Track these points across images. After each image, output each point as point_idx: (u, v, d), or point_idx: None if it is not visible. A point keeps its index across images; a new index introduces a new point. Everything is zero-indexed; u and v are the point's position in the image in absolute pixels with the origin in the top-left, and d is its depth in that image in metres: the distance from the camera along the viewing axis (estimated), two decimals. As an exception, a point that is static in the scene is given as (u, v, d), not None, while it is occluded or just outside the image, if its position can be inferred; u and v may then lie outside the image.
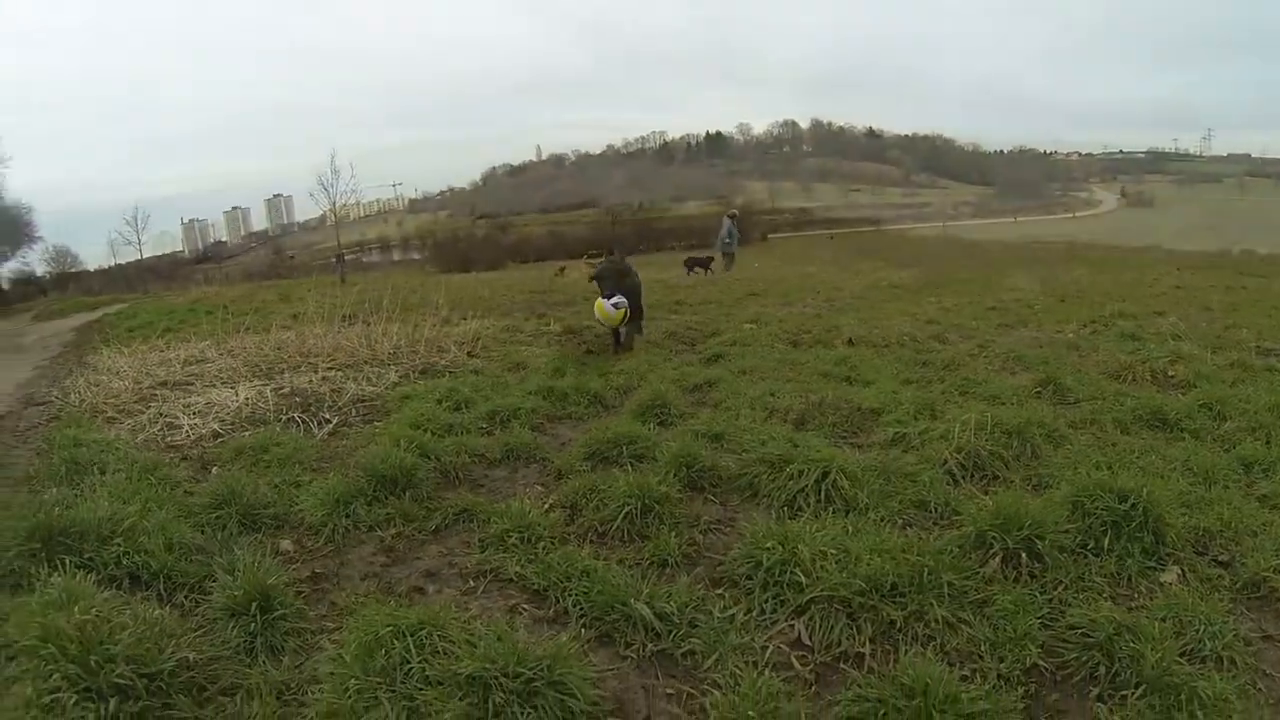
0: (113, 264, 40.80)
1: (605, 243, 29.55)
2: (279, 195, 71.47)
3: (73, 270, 40.49)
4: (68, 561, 2.03)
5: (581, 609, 1.93)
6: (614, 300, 4.94)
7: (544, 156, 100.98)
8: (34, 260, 36.78)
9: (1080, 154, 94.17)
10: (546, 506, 2.56)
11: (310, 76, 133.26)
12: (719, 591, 2.01)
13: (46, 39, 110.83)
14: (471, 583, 2.15)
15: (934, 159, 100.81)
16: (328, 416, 3.95)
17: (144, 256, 39.18)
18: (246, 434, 3.57)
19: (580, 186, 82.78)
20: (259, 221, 72.46)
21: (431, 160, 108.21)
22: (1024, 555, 2.01)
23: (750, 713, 1.55)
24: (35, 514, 2.23)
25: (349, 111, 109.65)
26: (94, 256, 43.32)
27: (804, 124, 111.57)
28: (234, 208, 70.64)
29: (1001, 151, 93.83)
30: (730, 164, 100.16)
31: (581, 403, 3.87)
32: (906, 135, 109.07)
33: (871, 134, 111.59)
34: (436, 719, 1.52)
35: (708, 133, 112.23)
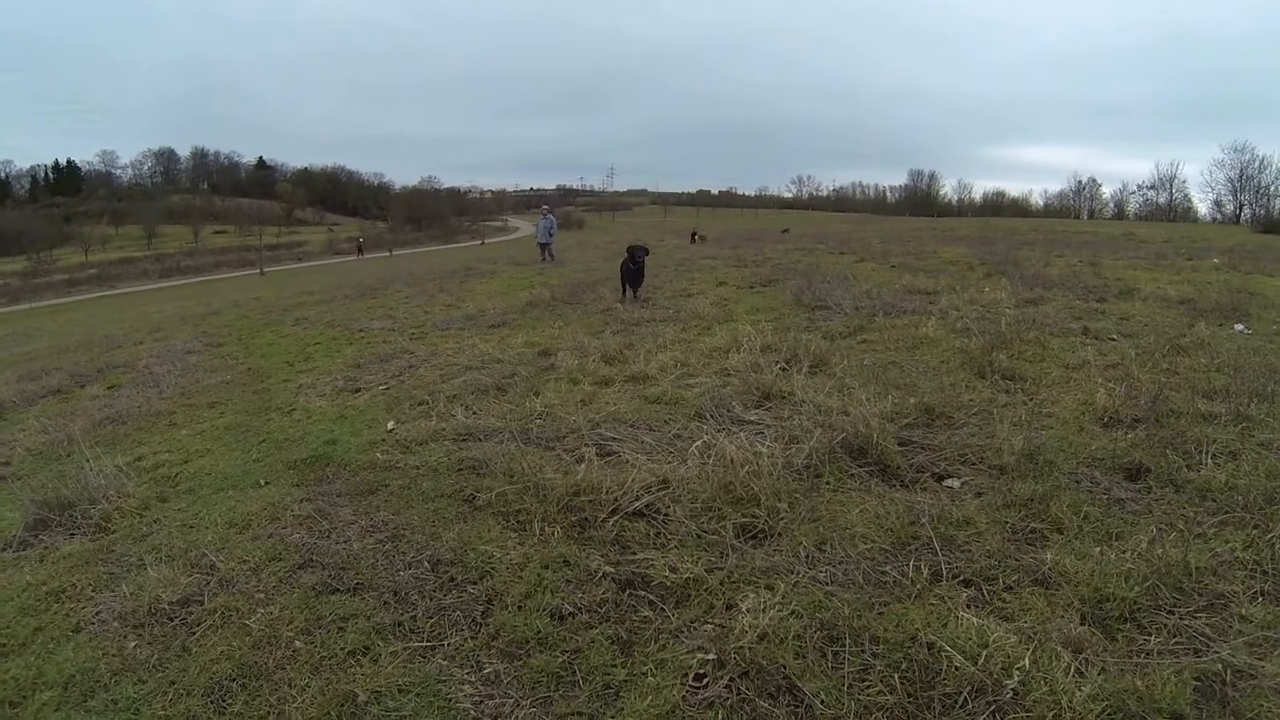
0: None
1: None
2: None
3: None
4: None
5: None
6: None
7: None
8: None
9: (493, 191, 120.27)
10: None
11: None
12: None
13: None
14: None
15: (333, 192, 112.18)
16: None
17: None
18: None
19: None
20: None
21: None
22: None
23: None
24: None
25: None
26: None
27: (183, 152, 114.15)
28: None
29: (407, 186, 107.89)
30: (79, 203, 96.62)
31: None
32: (303, 168, 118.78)
33: (261, 165, 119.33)
34: None
35: (57, 163, 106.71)
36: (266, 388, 5.76)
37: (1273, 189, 46.23)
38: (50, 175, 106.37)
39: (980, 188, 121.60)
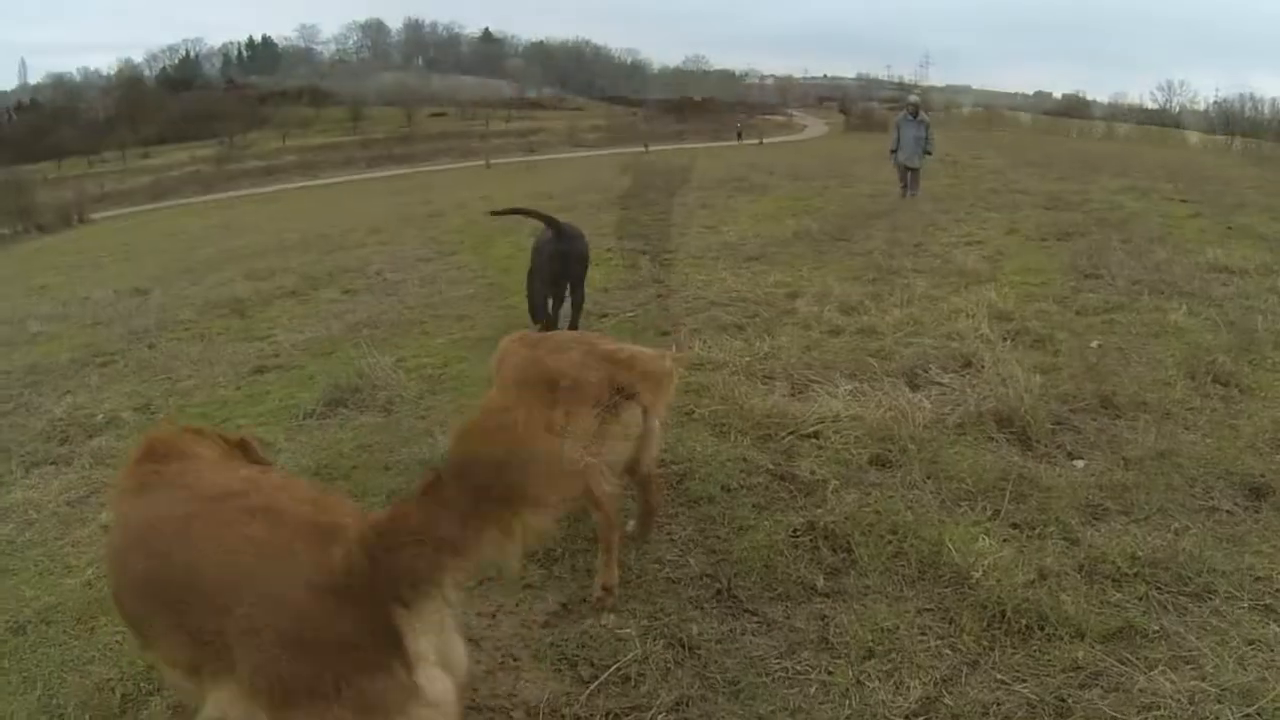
0: None
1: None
2: None
3: None
4: None
5: None
6: None
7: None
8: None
9: (776, 77, 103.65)
10: None
11: None
12: None
13: None
14: None
15: (576, 72, 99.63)
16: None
17: None
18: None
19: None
20: None
21: None
22: None
23: None
24: None
25: None
26: None
27: (394, 24, 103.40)
28: None
29: (667, 67, 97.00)
30: (276, 79, 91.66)
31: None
32: (537, 42, 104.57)
33: (488, 38, 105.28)
34: None
35: (250, 39, 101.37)
36: (513, 305, 6.45)
37: None
38: (243, 53, 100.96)
39: None
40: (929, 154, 13.03)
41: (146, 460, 1.64)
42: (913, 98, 13.73)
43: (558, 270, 5.40)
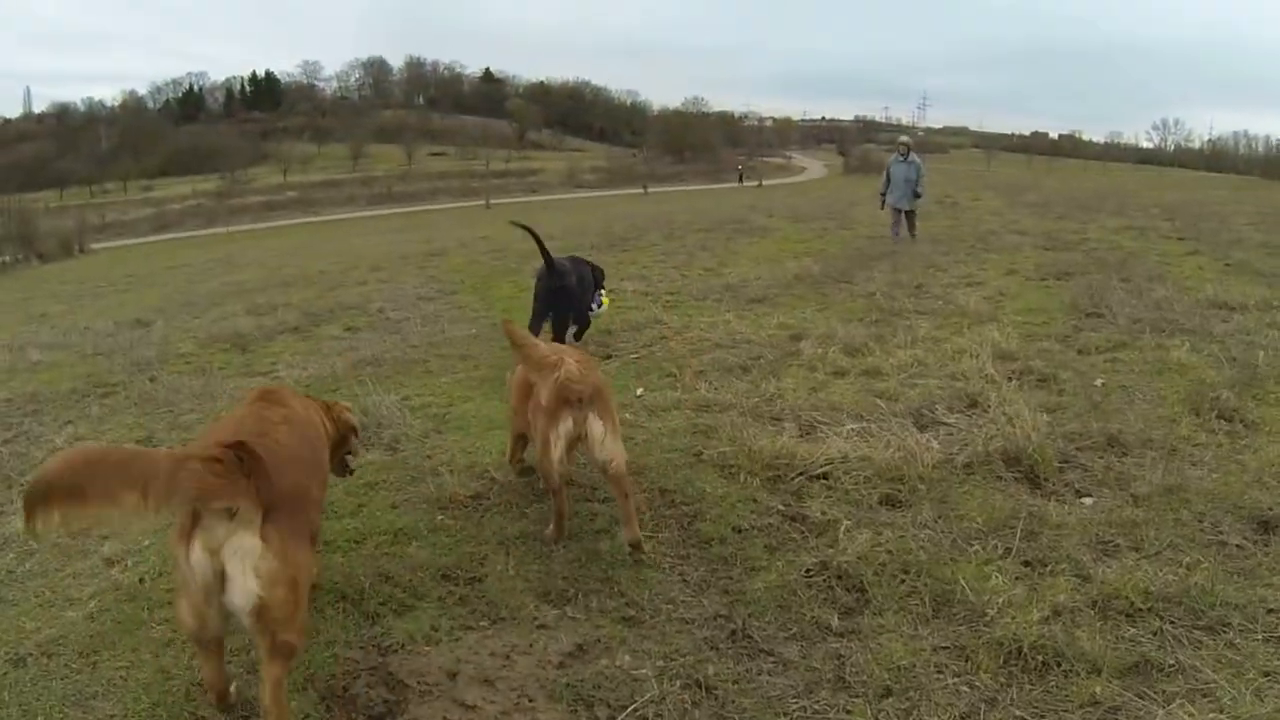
0: None
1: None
2: None
3: None
4: None
5: None
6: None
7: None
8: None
9: (775, 119, 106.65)
10: None
11: None
12: None
13: None
14: None
15: (576, 112, 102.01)
16: None
17: None
18: None
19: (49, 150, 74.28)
20: None
21: None
22: None
23: None
24: None
25: None
26: None
27: (396, 62, 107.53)
28: None
29: (667, 108, 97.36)
30: (277, 118, 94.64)
31: None
32: (538, 82, 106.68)
33: (489, 78, 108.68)
34: None
35: (254, 74, 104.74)
36: None
37: None
38: (246, 88, 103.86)
39: None
40: (919, 196, 13.04)
41: (261, 398, 2.67)
42: (903, 138, 13.76)
43: (546, 304, 6.14)
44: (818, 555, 3.11)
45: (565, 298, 6.14)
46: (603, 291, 6.81)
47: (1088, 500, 3.60)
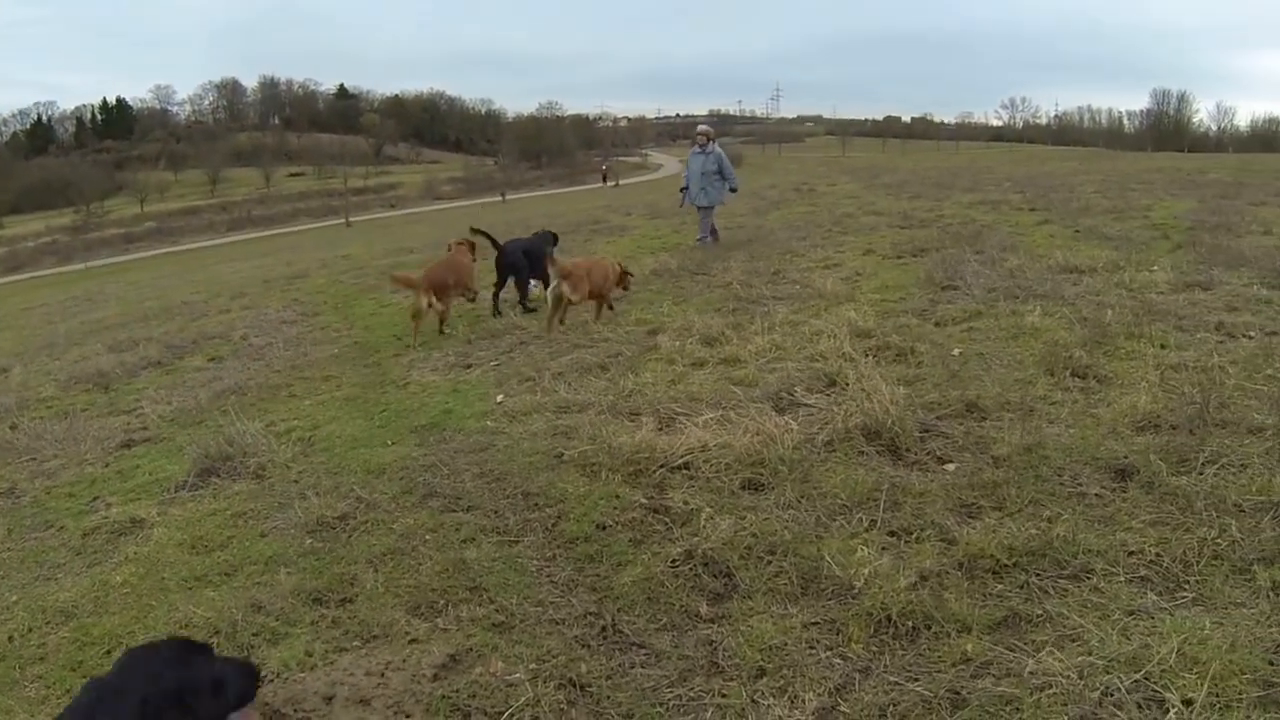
0: None
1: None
2: None
3: None
4: None
5: None
6: None
7: None
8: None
9: (630, 119, 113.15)
10: None
11: None
12: None
13: None
14: None
15: (431, 124, 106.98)
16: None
17: None
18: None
19: None
20: None
21: None
22: None
23: None
24: None
25: None
26: None
27: (250, 83, 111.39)
28: None
29: (521, 114, 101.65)
30: (131, 146, 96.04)
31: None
32: (392, 96, 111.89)
33: (343, 94, 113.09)
34: None
35: (105, 102, 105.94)
36: (378, 362, 7.10)
37: None
38: (98, 116, 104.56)
39: (1247, 112, 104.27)
40: (734, 190, 12.76)
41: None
42: (702, 127, 13.19)
43: (502, 273, 8.69)
44: (683, 545, 3.19)
45: (513, 269, 8.60)
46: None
47: (950, 466, 3.84)
